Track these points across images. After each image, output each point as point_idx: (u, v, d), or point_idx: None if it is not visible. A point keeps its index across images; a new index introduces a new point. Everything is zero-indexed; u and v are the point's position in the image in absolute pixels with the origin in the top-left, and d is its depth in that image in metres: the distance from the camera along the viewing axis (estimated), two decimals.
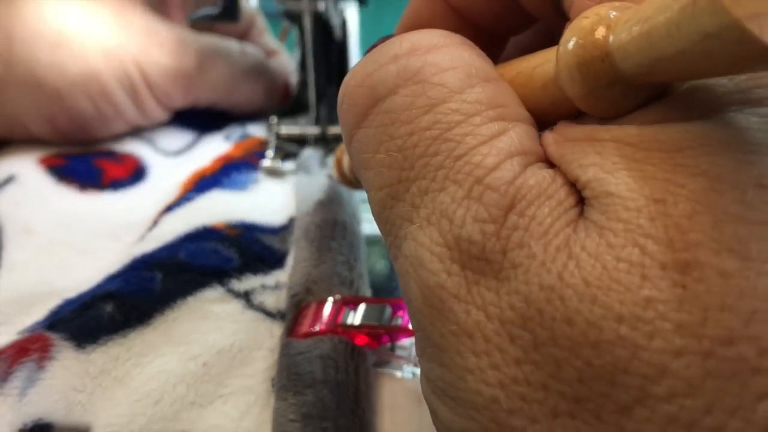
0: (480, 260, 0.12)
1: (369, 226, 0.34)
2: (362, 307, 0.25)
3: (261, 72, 0.41)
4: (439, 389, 0.12)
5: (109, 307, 0.25)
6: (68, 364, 0.23)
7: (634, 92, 0.12)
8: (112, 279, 0.28)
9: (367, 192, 0.14)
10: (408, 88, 0.13)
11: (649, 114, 0.12)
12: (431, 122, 0.13)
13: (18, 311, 0.27)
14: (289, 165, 0.37)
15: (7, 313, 0.27)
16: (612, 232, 0.11)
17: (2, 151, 0.37)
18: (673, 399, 0.10)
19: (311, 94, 0.37)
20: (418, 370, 0.24)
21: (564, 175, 0.12)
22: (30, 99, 0.34)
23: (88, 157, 0.36)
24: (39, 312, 0.27)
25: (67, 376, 0.23)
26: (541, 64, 0.13)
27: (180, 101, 0.39)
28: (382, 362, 0.24)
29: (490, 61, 0.14)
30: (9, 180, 0.34)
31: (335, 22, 0.39)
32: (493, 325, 0.11)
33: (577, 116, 0.13)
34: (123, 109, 0.36)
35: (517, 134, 0.12)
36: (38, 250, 0.30)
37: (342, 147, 0.25)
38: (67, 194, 0.34)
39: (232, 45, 0.40)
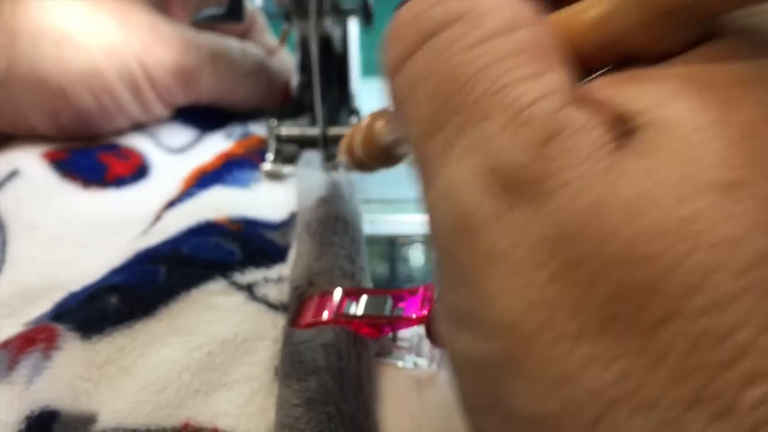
0: (518, 185, 0.12)
1: (369, 226, 0.34)
2: (364, 298, 0.25)
3: (261, 71, 0.42)
4: (460, 317, 0.13)
5: (114, 299, 0.26)
6: (74, 353, 0.24)
7: (689, 26, 0.12)
8: (116, 272, 0.28)
9: (406, 129, 0.15)
10: (454, 27, 0.14)
11: (704, 51, 0.12)
12: (474, 58, 0.13)
13: (23, 304, 0.27)
14: (288, 168, 0.38)
15: (13, 306, 0.27)
16: (658, 151, 0.11)
17: (5, 145, 0.37)
18: (706, 314, 0.10)
19: (317, 100, 0.37)
20: (419, 360, 0.24)
21: (608, 111, 0.12)
22: (34, 95, 0.35)
23: (92, 152, 0.37)
24: (44, 305, 0.27)
25: (73, 365, 0.23)
26: (591, 5, 0.14)
27: (182, 98, 0.39)
28: (384, 352, 0.25)
29: (538, 3, 0.15)
30: (12, 175, 0.34)
31: (336, 36, 0.40)
32: (528, 246, 0.12)
33: (623, 64, 0.13)
34: (125, 106, 0.37)
35: (560, 74, 0.13)
36: (42, 245, 0.31)
37: (354, 127, 0.26)
38: (70, 191, 0.34)
39: (233, 44, 0.41)
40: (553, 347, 0.11)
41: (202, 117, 0.42)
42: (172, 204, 0.33)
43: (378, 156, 0.23)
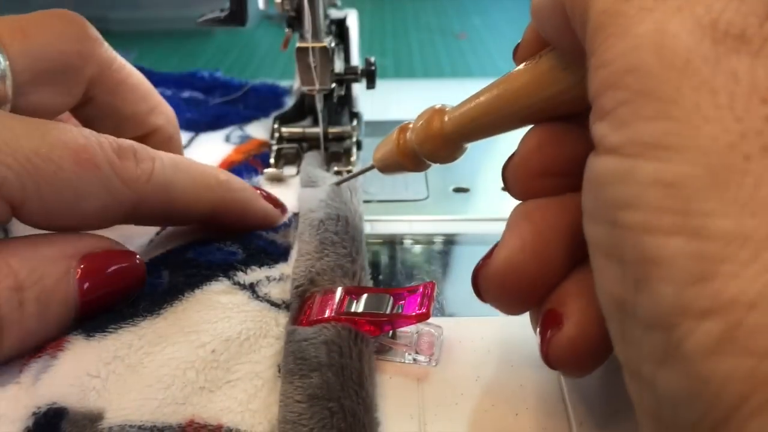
0: (736, 39, 0.14)
1: (369, 226, 0.35)
2: (365, 296, 0.26)
3: None
4: (648, 144, 0.14)
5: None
6: (81, 351, 0.24)
7: None
8: None
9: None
10: None
11: None
12: None
13: None
14: (289, 170, 0.38)
15: None
16: None
17: None
18: None
19: (320, 110, 0.38)
20: (418, 356, 0.25)
21: None
22: None
23: None
24: None
25: (81, 362, 0.23)
26: None
27: None
28: (384, 349, 0.25)
29: None
30: None
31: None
32: (741, 88, 0.13)
33: None
34: None
35: None
36: None
37: (402, 128, 0.26)
38: None
39: None
40: (762, 177, 0.12)
41: (196, 116, 0.42)
42: None
43: (437, 148, 0.25)
